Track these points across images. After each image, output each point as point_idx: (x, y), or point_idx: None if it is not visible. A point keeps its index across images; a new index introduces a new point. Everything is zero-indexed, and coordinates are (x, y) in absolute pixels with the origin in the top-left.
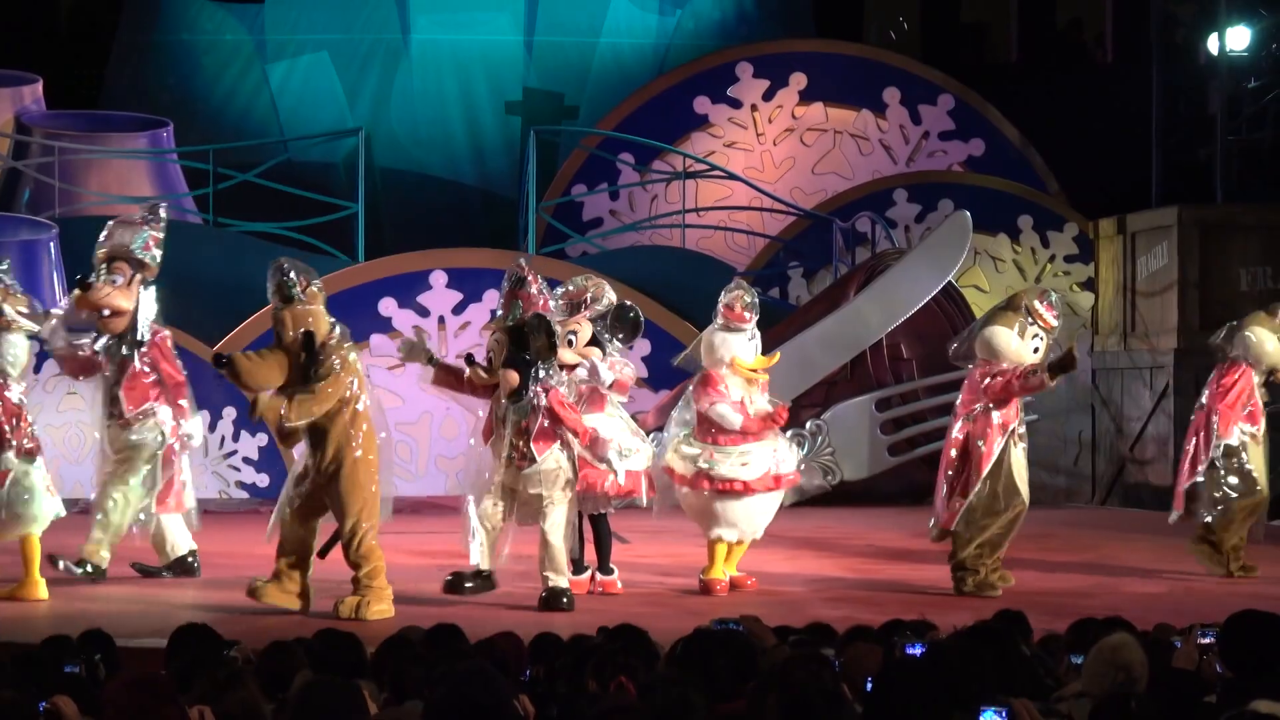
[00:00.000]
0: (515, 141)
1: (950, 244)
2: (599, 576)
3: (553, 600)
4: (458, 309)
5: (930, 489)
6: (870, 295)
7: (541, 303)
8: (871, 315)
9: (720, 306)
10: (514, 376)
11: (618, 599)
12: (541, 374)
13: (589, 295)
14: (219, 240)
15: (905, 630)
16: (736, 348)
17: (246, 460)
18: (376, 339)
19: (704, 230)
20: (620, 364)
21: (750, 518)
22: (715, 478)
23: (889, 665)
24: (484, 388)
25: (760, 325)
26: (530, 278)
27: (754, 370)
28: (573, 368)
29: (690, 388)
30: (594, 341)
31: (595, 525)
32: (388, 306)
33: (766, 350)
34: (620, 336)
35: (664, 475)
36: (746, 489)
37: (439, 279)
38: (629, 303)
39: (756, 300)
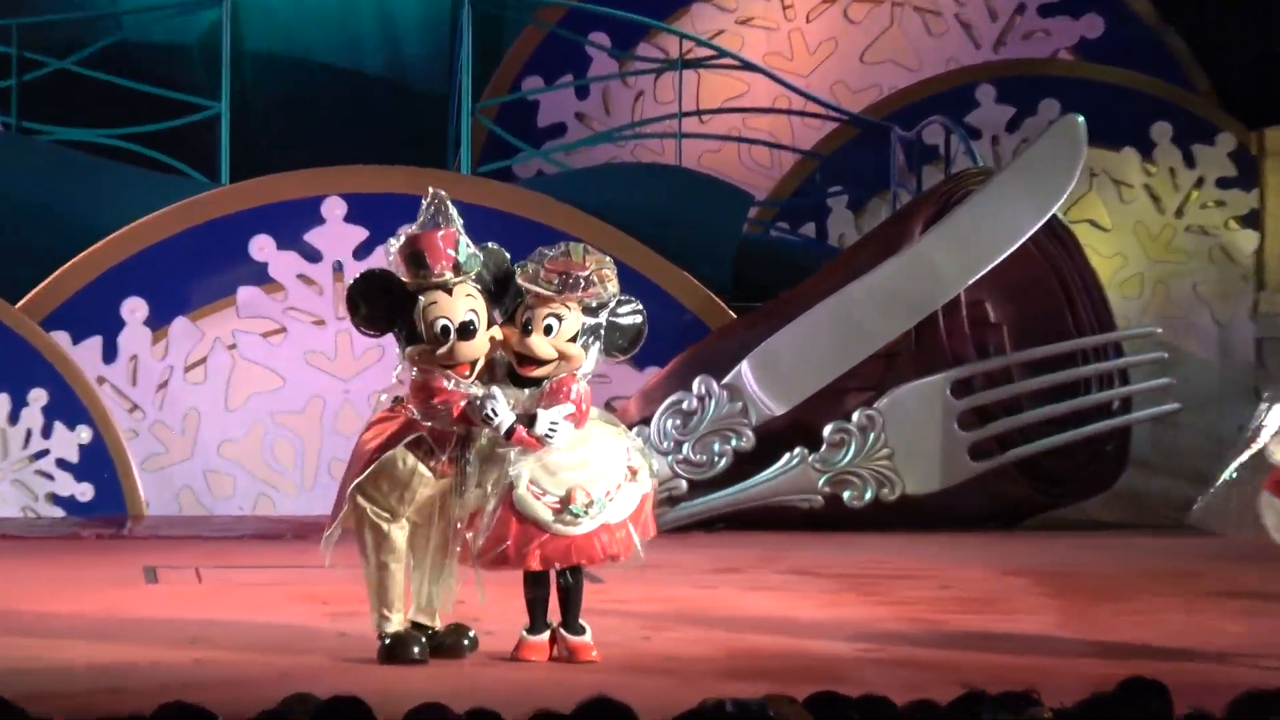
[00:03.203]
0: (443, 14)
1: (1056, 163)
2: (566, 637)
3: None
4: (361, 252)
5: (1031, 505)
6: (943, 235)
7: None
8: (945, 263)
9: None
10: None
11: (589, 666)
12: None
13: (589, 275)
14: (25, 152)
15: (993, 706)
16: None
17: (62, 464)
18: (246, 294)
19: (709, 142)
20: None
21: None
22: None
23: None
24: None
25: (792, 275)
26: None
27: None
28: (538, 365)
29: None
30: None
31: (563, 572)
32: (263, 248)
33: (799, 310)
34: (611, 346)
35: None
36: None
37: (334, 209)
38: (634, 300)
39: None
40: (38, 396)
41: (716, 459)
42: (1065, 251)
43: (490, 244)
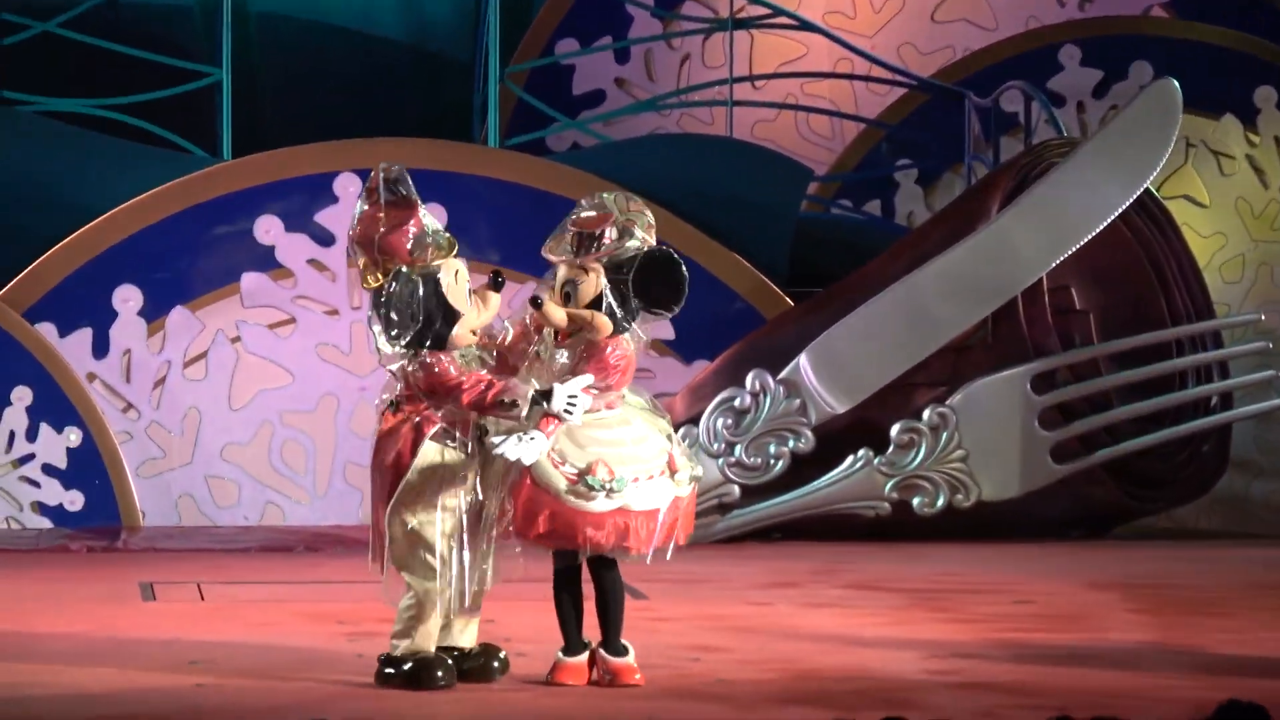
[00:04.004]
0: None
1: (1148, 132)
2: (607, 658)
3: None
4: None
5: (1120, 511)
6: (1023, 212)
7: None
8: (1025, 244)
9: None
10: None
11: (632, 691)
12: None
13: (611, 228)
14: (7, 124)
15: None
16: None
17: (48, 470)
18: (251, 281)
19: (763, 110)
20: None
21: None
22: None
23: None
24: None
25: (855, 257)
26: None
27: None
28: (566, 335)
29: None
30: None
31: (599, 581)
32: (269, 229)
33: (864, 297)
34: (650, 302)
35: None
36: None
37: (348, 186)
38: (667, 247)
39: None
40: (21, 395)
41: (772, 462)
42: (1159, 231)
43: None
